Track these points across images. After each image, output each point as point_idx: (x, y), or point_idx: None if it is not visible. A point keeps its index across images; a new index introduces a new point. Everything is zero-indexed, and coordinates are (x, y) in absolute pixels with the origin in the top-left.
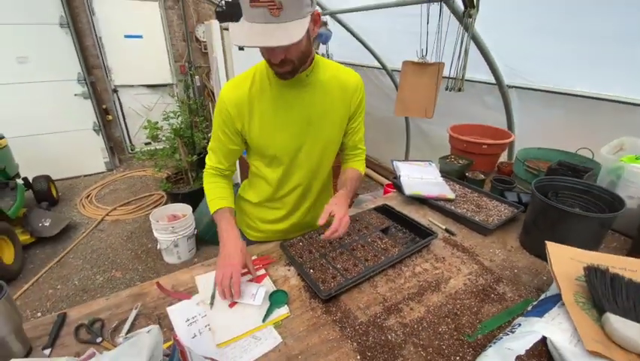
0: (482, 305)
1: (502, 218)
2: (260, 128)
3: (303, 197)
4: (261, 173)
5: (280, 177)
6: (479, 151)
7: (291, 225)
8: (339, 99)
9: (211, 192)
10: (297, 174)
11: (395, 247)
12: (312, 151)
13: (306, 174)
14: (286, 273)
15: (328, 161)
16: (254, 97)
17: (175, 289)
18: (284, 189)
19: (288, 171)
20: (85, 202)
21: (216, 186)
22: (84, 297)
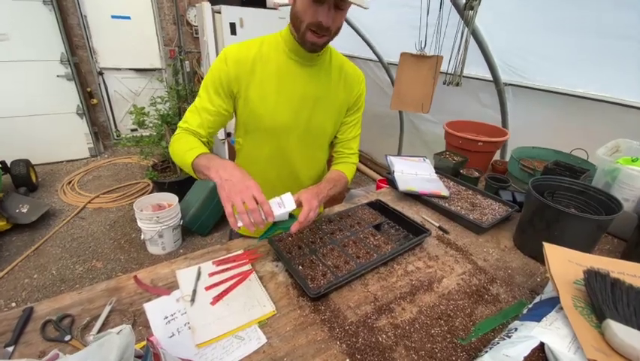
0: (476, 306)
1: (497, 217)
2: (259, 95)
3: (294, 182)
4: (251, 154)
5: (270, 156)
6: (475, 148)
7: None
8: (342, 87)
9: (186, 144)
10: (289, 157)
11: (388, 244)
12: (307, 133)
13: (297, 158)
14: (273, 269)
15: (321, 151)
16: (258, 61)
17: (154, 283)
18: (273, 171)
19: (280, 151)
20: (66, 189)
21: (194, 140)
22: (62, 287)
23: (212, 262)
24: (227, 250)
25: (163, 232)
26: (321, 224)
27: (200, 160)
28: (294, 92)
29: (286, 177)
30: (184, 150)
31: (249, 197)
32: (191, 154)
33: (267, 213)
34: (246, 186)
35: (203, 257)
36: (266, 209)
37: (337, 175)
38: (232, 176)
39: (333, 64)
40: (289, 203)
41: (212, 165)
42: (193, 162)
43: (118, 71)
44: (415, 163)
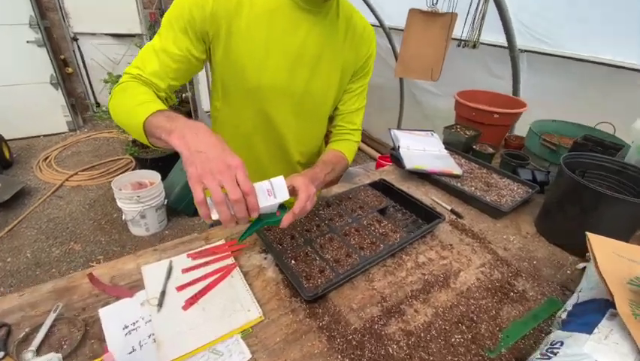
0: (501, 306)
1: (516, 199)
2: (244, 43)
3: (285, 160)
4: (229, 123)
5: (255, 127)
6: (489, 121)
7: None
8: (349, 44)
9: (136, 96)
10: (279, 129)
11: (396, 232)
12: (304, 100)
13: (289, 132)
14: (261, 262)
15: (319, 125)
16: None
17: (114, 282)
18: (259, 147)
19: (268, 121)
20: (42, 165)
21: (148, 92)
22: (37, 272)
23: (186, 255)
24: (206, 240)
25: (145, 213)
26: (318, 209)
27: (158, 119)
28: (291, 45)
29: (274, 156)
30: (132, 105)
31: (231, 181)
32: (144, 110)
33: (252, 208)
34: (227, 165)
35: (177, 249)
36: (251, 202)
37: (336, 156)
38: (207, 147)
39: (341, 14)
40: (281, 191)
41: (176, 126)
42: (146, 121)
43: (94, 37)
44: (423, 138)
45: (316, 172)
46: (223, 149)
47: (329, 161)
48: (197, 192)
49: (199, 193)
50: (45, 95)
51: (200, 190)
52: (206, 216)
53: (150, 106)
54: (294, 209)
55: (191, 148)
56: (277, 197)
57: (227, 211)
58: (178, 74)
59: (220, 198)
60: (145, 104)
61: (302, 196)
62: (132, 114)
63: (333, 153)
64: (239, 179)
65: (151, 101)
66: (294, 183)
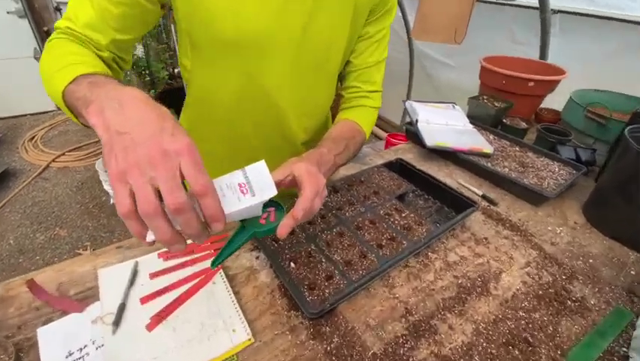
0: (558, 320)
1: (560, 182)
2: None
3: (282, 138)
4: (206, 89)
5: (239, 92)
6: (522, 91)
7: None
8: None
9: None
10: (271, 95)
11: (421, 225)
12: (302, 54)
13: (285, 98)
14: (252, 263)
15: (325, 86)
16: None
17: (62, 291)
18: (245, 121)
19: (255, 85)
20: (28, 146)
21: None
22: (20, 259)
23: (157, 255)
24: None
25: None
26: None
27: (79, 87)
28: None
29: (268, 137)
30: (53, 71)
31: (169, 177)
32: (63, 76)
33: (212, 216)
34: (163, 151)
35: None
36: (209, 207)
37: (350, 129)
38: (134, 124)
39: None
40: (264, 185)
41: (97, 96)
42: (65, 90)
43: None
44: (444, 111)
45: (323, 153)
46: (161, 127)
47: (340, 136)
48: (120, 197)
49: (122, 198)
50: (29, 71)
51: (125, 194)
52: (138, 234)
53: (74, 69)
54: (296, 211)
55: (111, 128)
56: (257, 194)
57: (165, 227)
58: (124, 23)
59: (150, 206)
60: (68, 68)
61: (307, 192)
62: (52, 83)
63: (346, 125)
64: (185, 171)
65: (78, 63)
66: (294, 170)
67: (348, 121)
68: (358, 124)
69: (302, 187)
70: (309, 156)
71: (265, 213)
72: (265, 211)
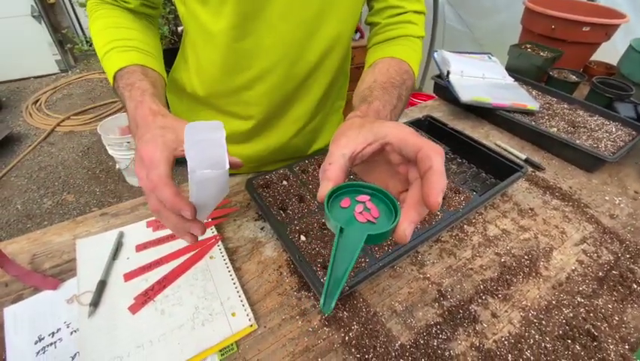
0: (624, 307)
1: (620, 144)
2: None
3: (291, 88)
4: (206, 28)
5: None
6: (573, 38)
7: (267, 148)
8: None
9: (106, 37)
10: (279, 33)
11: (459, 193)
12: None
13: (295, 34)
14: (257, 234)
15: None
16: None
17: (35, 264)
18: (252, 64)
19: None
20: (32, 110)
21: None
22: (28, 224)
23: (146, 224)
24: None
25: None
26: None
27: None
28: None
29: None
30: (102, 53)
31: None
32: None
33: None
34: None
35: (135, 212)
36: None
37: (399, 72)
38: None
39: None
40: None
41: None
42: (114, 83)
43: None
44: (478, 62)
45: (380, 110)
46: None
47: (390, 83)
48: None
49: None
50: (28, 31)
51: None
52: None
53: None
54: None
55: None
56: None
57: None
58: None
59: None
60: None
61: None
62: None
63: (393, 66)
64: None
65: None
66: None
67: (394, 59)
68: (407, 63)
69: (422, 151)
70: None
71: (353, 205)
72: (353, 199)
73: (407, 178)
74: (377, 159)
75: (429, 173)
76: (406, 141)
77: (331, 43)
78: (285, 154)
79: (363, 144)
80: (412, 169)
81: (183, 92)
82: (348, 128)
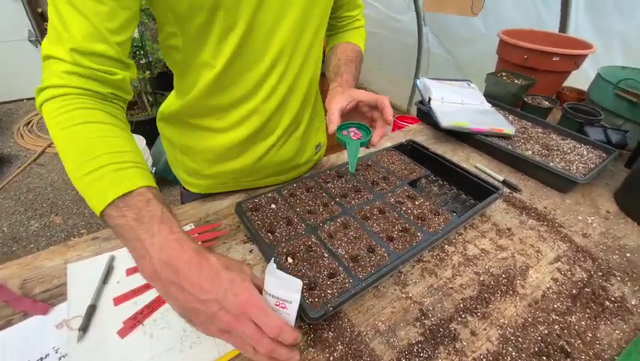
0: (597, 323)
1: (590, 166)
2: None
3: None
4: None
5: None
6: (545, 67)
7: (255, 162)
8: None
9: (89, 148)
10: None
11: (439, 214)
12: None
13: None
14: (245, 257)
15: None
16: None
17: (25, 289)
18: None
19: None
20: (24, 131)
21: (101, 131)
22: (13, 247)
23: None
24: None
25: None
26: (326, 180)
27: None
28: None
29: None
30: (85, 170)
31: (252, 332)
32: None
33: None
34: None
35: None
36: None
37: (353, 51)
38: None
39: None
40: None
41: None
42: (107, 211)
43: None
44: (458, 88)
45: (349, 80)
46: (221, 285)
47: (349, 60)
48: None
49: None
50: (24, 54)
51: None
52: None
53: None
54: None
55: (187, 302)
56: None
57: None
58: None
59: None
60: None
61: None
62: (82, 190)
63: (349, 48)
64: (258, 321)
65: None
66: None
67: (348, 44)
68: (357, 45)
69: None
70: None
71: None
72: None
73: (372, 117)
74: (356, 110)
75: (384, 108)
76: (369, 97)
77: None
78: (277, 165)
79: (346, 102)
80: (375, 111)
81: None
82: (336, 94)
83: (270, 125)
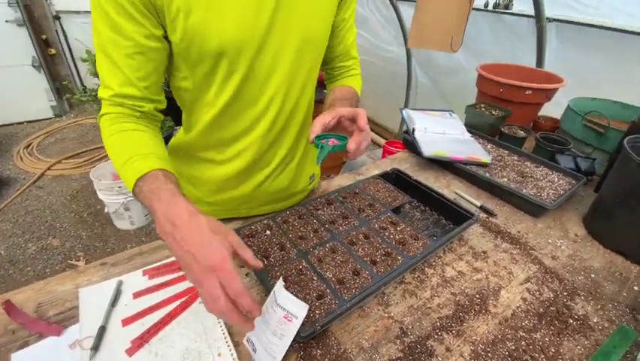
0: (560, 340)
1: (560, 192)
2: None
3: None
4: (201, 98)
5: (232, 97)
6: (519, 99)
7: (254, 190)
8: None
9: (123, 147)
10: (261, 93)
11: (418, 239)
12: (285, 48)
13: (275, 92)
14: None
15: (311, 70)
16: None
17: (40, 312)
18: (239, 121)
19: (245, 88)
20: (24, 154)
21: (132, 136)
22: (10, 270)
23: (142, 272)
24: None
25: (129, 205)
26: (316, 208)
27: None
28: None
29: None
30: (121, 162)
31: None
32: (131, 172)
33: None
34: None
35: (133, 262)
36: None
37: (349, 92)
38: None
39: None
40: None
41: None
42: (134, 189)
43: (77, 15)
44: (440, 119)
45: None
46: (200, 243)
47: (344, 97)
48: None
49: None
50: (27, 79)
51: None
52: None
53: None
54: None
55: (175, 248)
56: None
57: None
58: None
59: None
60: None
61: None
62: (123, 175)
63: (344, 89)
64: (222, 281)
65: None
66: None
67: (344, 86)
68: (353, 87)
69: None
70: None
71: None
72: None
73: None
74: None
75: (358, 117)
76: (349, 111)
77: (300, 94)
78: (273, 193)
79: (330, 118)
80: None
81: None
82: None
83: (266, 158)
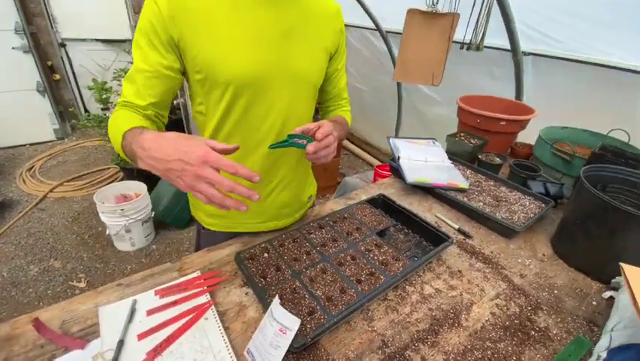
0: (522, 349)
1: (530, 216)
2: (208, 38)
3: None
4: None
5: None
6: (495, 129)
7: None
8: (320, 26)
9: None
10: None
11: (398, 260)
12: (284, 84)
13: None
14: (242, 299)
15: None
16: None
17: (65, 328)
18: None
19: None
20: (26, 176)
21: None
22: (12, 292)
23: (154, 292)
24: (180, 271)
25: (130, 227)
26: (309, 232)
27: (128, 145)
28: (259, 31)
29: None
30: (115, 131)
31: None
32: (118, 136)
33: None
34: (198, 165)
35: (145, 283)
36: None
37: (338, 116)
38: (169, 157)
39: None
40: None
41: (138, 153)
42: (122, 147)
43: (82, 43)
44: (424, 147)
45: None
46: (180, 149)
47: (332, 119)
48: (203, 199)
49: (205, 199)
50: (31, 103)
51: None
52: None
53: (122, 129)
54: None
55: (160, 167)
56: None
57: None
58: (155, 91)
59: (219, 197)
60: (119, 129)
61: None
62: (116, 139)
63: (337, 115)
64: (217, 165)
65: (127, 123)
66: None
67: (336, 115)
68: (344, 117)
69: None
70: None
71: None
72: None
73: None
74: None
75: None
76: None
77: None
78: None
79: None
80: None
81: None
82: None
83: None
